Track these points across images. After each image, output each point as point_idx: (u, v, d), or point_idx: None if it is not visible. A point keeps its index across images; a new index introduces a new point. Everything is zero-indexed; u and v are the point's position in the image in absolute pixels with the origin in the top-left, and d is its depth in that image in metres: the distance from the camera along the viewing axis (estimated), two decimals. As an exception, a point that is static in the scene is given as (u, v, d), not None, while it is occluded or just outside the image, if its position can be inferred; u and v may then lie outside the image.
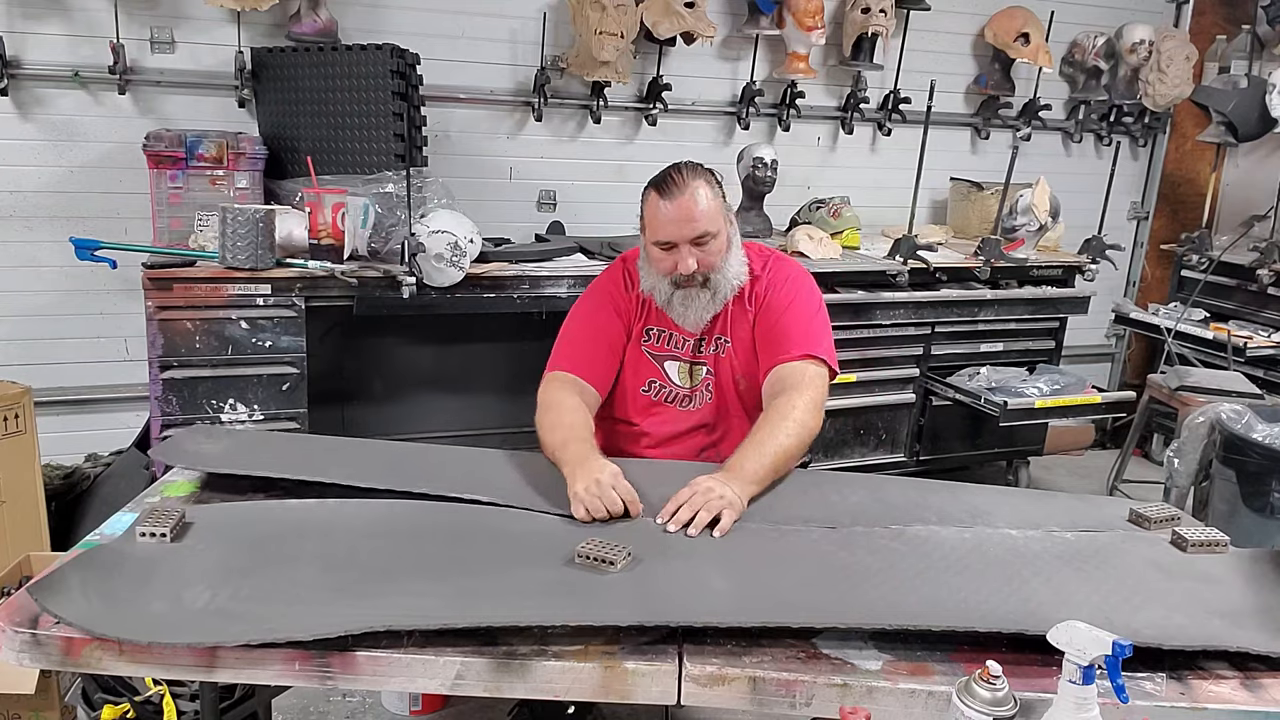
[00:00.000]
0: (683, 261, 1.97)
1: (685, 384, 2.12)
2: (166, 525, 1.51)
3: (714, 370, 2.11)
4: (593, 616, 1.35)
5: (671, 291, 2.03)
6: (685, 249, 1.97)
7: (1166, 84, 4.34)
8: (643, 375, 2.13)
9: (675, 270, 1.99)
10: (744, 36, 3.80)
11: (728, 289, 2.04)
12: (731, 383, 2.11)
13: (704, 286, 2.02)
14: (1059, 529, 1.78)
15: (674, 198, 1.96)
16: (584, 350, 2.07)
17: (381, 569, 1.47)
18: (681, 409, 2.13)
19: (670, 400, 2.13)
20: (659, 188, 1.99)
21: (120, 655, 1.27)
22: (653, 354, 2.12)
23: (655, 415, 2.14)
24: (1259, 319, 4.05)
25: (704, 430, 2.13)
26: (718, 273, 2.01)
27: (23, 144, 3.05)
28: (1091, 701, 1.15)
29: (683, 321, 2.07)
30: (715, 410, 2.13)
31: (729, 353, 2.10)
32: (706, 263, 1.99)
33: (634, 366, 2.13)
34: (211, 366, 2.75)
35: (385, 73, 2.90)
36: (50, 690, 2.04)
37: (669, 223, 1.97)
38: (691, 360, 2.11)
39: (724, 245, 2.01)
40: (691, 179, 1.97)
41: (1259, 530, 2.84)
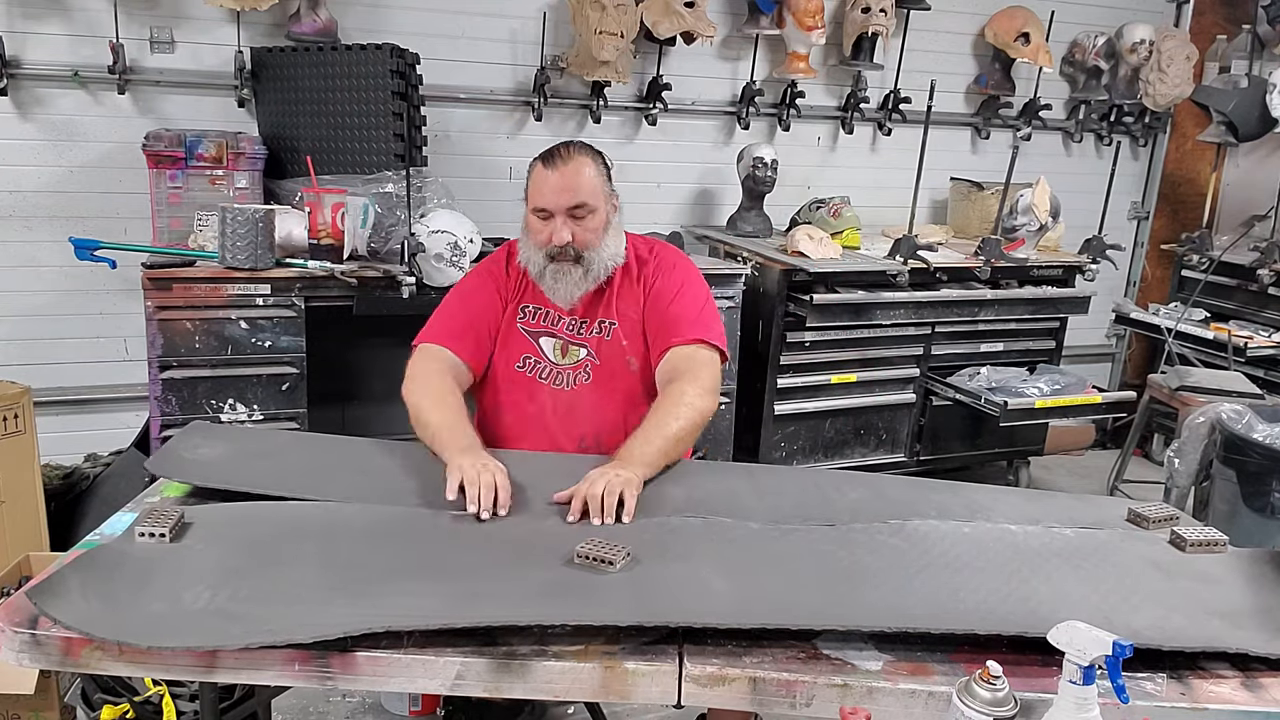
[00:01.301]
0: (557, 232, 1.97)
1: (559, 360, 2.09)
2: (165, 525, 1.51)
3: (596, 353, 2.08)
4: (592, 616, 1.35)
5: (545, 264, 2.02)
6: (561, 219, 1.98)
7: (1167, 84, 4.34)
8: (516, 351, 2.10)
9: (550, 241, 1.99)
10: (744, 36, 3.80)
11: (600, 269, 2.03)
12: (621, 365, 2.08)
13: (576, 262, 2.01)
14: (1058, 526, 1.78)
15: (557, 167, 1.98)
16: (459, 324, 2.07)
17: (381, 569, 1.47)
18: (556, 387, 2.09)
19: (545, 377, 2.09)
20: (544, 157, 2.01)
21: (120, 656, 1.27)
22: (528, 330, 2.10)
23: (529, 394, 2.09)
24: (1259, 319, 4.05)
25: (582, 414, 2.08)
26: (591, 250, 2.01)
27: (23, 144, 3.05)
28: (1092, 702, 1.15)
29: (553, 296, 2.05)
30: (595, 394, 2.08)
31: (615, 335, 2.08)
32: (581, 238, 1.99)
33: (508, 343, 2.10)
34: (211, 366, 2.74)
35: (385, 73, 2.90)
36: (50, 690, 2.04)
37: (549, 190, 1.98)
38: (569, 339, 2.09)
39: (601, 224, 2.01)
40: (579, 154, 2.01)
41: (1259, 530, 2.84)
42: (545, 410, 2.08)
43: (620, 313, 2.09)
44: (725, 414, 3.39)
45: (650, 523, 1.68)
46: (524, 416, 2.10)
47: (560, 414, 2.08)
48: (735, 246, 3.63)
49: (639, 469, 1.77)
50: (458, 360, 2.04)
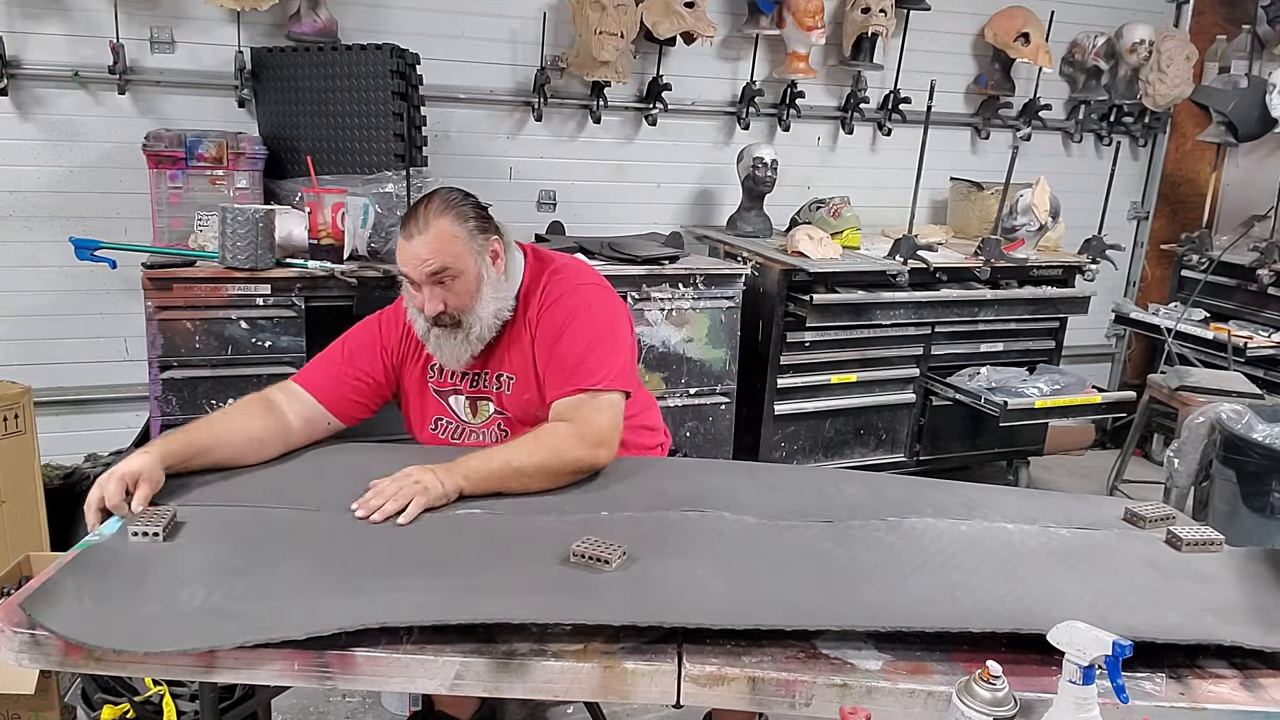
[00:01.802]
0: (428, 304, 1.87)
1: (471, 420, 2.02)
2: (158, 524, 1.51)
3: (502, 407, 2.00)
4: (588, 615, 1.35)
5: (427, 329, 1.92)
6: (427, 289, 1.87)
7: (1166, 84, 4.34)
8: (430, 413, 2.03)
9: (423, 310, 1.89)
10: (744, 36, 3.80)
11: (484, 328, 1.92)
12: (530, 416, 1.96)
13: (456, 327, 1.91)
14: (1055, 525, 1.78)
15: (410, 234, 1.87)
16: (328, 370, 1.97)
17: (376, 567, 1.47)
18: (456, 443, 2.02)
19: (458, 436, 2.03)
20: (403, 222, 1.91)
21: (119, 656, 1.27)
22: (438, 390, 2.02)
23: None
24: (1259, 319, 4.05)
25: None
26: (469, 313, 1.90)
27: (23, 144, 3.05)
28: (1091, 701, 1.15)
29: (442, 360, 1.96)
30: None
31: (515, 389, 1.98)
32: (454, 303, 1.88)
33: (421, 405, 2.03)
34: (211, 366, 2.74)
35: (385, 73, 2.90)
36: (50, 690, 2.04)
37: (406, 259, 1.88)
38: (474, 394, 2.01)
39: (472, 284, 1.88)
40: (436, 216, 1.86)
41: (1259, 530, 2.84)
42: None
43: (513, 363, 1.98)
44: (725, 414, 3.39)
45: (648, 518, 1.68)
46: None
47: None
48: (735, 246, 3.63)
49: (458, 481, 1.69)
50: (315, 402, 1.92)
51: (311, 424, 1.92)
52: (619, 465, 1.86)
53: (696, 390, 3.33)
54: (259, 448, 1.82)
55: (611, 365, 1.90)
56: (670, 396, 3.29)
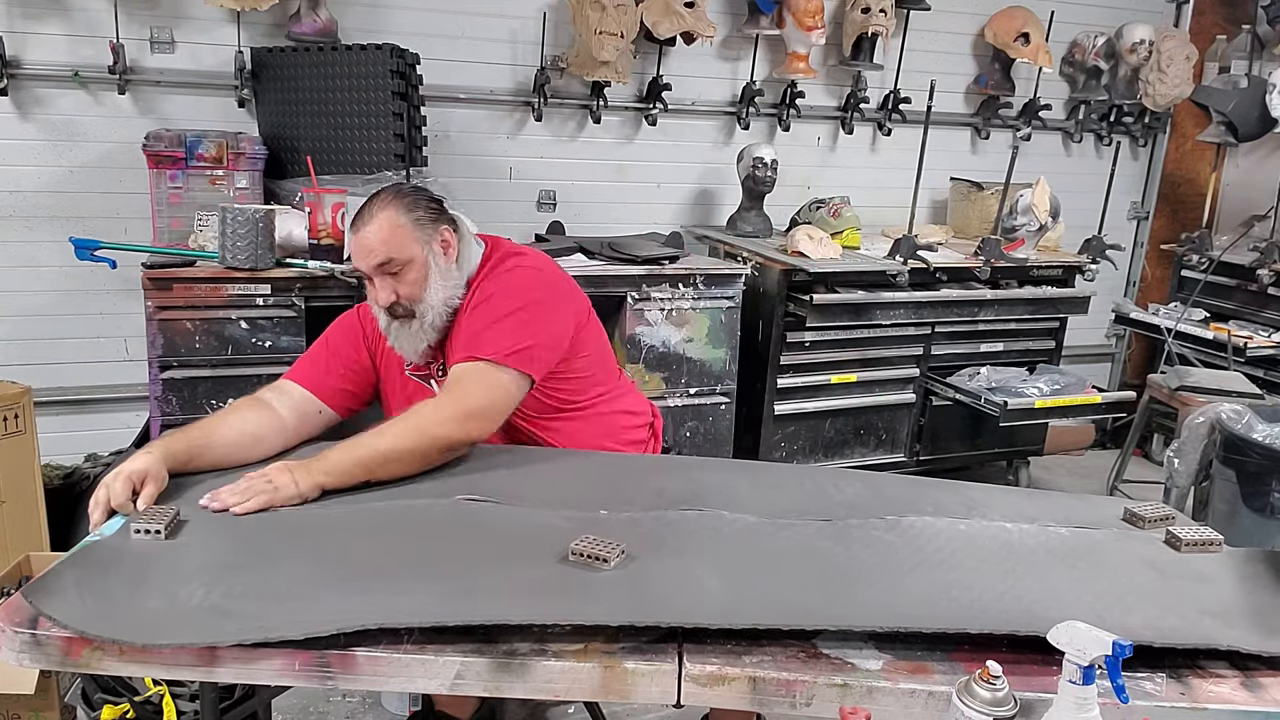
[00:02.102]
0: (379, 294, 1.91)
1: None
2: (161, 522, 1.51)
3: None
4: (586, 615, 1.35)
5: (387, 322, 1.95)
6: (378, 281, 1.90)
7: (1166, 84, 4.34)
8: (413, 397, 2.00)
9: (378, 302, 1.93)
10: (744, 36, 3.80)
11: (437, 317, 1.94)
12: None
13: (410, 317, 1.94)
14: (1054, 524, 1.78)
15: (358, 228, 1.91)
16: (316, 364, 2.00)
17: (375, 566, 1.47)
18: None
19: None
20: (355, 218, 1.95)
21: (120, 656, 1.27)
22: (417, 376, 2.04)
23: None
24: (1259, 319, 4.05)
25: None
26: (421, 303, 1.92)
27: (23, 144, 3.06)
28: (1091, 701, 1.15)
29: (401, 352, 1.99)
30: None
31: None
32: (406, 293, 1.91)
33: (403, 393, 2.03)
34: (211, 366, 2.75)
35: (385, 73, 2.90)
36: (50, 690, 2.04)
37: (355, 253, 1.92)
38: (441, 381, 2.01)
39: (421, 274, 1.91)
40: (382, 209, 1.90)
41: (1259, 530, 2.84)
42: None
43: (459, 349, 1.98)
44: (725, 414, 3.39)
45: (647, 517, 1.68)
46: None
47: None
48: (735, 246, 3.63)
49: (315, 479, 1.67)
50: (309, 395, 1.94)
51: (304, 416, 1.93)
52: (617, 463, 1.86)
53: (696, 390, 3.33)
54: (255, 443, 1.82)
55: (516, 341, 1.86)
56: (670, 396, 3.29)
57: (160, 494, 1.63)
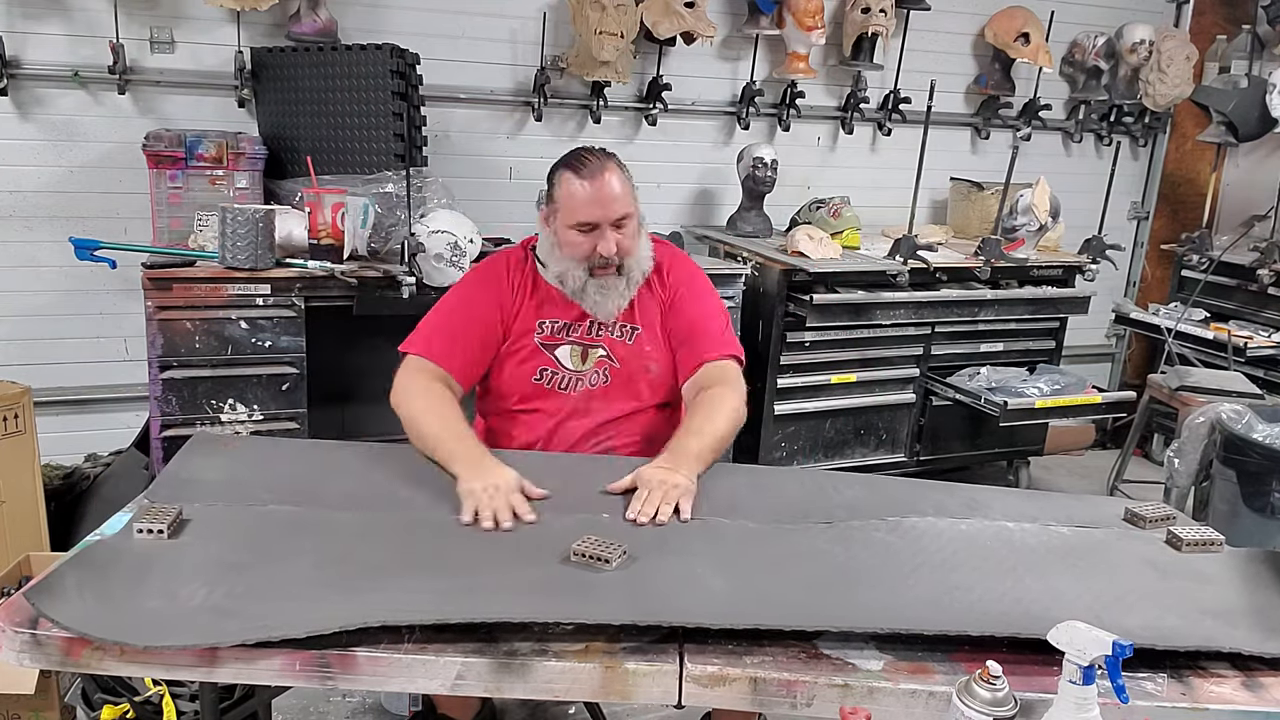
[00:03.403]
0: (605, 243, 1.94)
1: (576, 367, 2.06)
2: (164, 522, 1.51)
3: (613, 355, 2.06)
4: (587, 615, 1.35)
5: (585, 279, 1.99)
6: (606, 230, 1.95)
7: (1167, 84, 4.34)
8: (533, 366, 2.06)
9: (594, 254, 1.95)
10: (744, 36, 3.80)
11: (639, 275, 2.03)
12: (641, 369, 2.07)
13: (620, 273, 2.00)
14: (1055, 523, 1.78)
15: (593, 178, 1.94)
16: (450, 339, 2.01)
17: (377, 566, 1.47)
18: (572, 392, 2.06)
19: (564, 386, 2.06)
20: (576, 169, 1.96)
21: (120, 656, 1.27)
22: (545, 344, 2.06)
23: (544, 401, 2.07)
24: (1259, 319, 4.05)
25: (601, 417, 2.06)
26: (631, 257, 2.00)
27: (23, 144, 3.05)
28: (1092, 702, 1.15)
29: (597, 310, 2.02)
30: (612, 396, 2.07)
31: (639, 340, 2.07)
32: (624, 246, 1.98)
33: (524, 356, 2.06)
34: (211, 366, 2.74)
35: (385, 73, 2.90)
36: (50, 690, 2.04)
37: (591, 203, 1.94)
38: (586, 343, 2.06)
39: (637, 230, 2.01)
40: (605, 160, 1.98)
41: (1259, 530, 2.84)
42: (560, 414, 2.07)
43: (643, 319, 2.08)
44: (725, 414, 3.38)
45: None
46: (538, 423, 2.08)
47: (576, 417, 2.06)
48: (735, 246, 3.63)
49: (693, 466, 1.78)
50: (449, 376, 1.99)
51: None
52: (618, 468, 1.86)
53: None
54: None
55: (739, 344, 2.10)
56: (670, 396, 3.28)
57: (170, 495, 1.66)
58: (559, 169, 2.01)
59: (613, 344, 2.07)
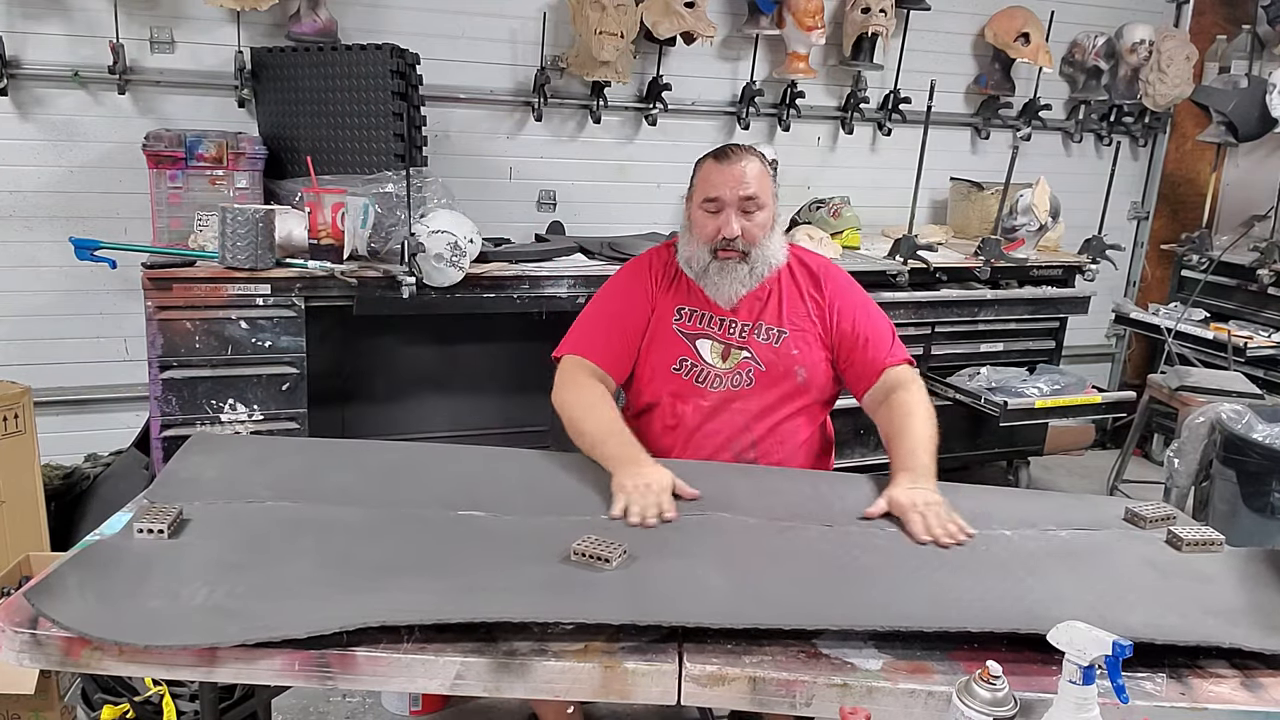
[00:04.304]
0: (727, 224, 1.99)
1: (720, 364, 2.07)
2: (164, 522, 1.51)
3: (758, 358, 2.07)
4: (587, 614, 1.35)
5: (709, 261, 2.03)
6: (732, 212, 2.00)
7: (1166, 84, 4.34)
8: (673, 354, 2.08)
9: (718, 234, 1.99)
10: (744, 36, 3.80)
11: (764, 267, 2.05)
12: (788, 374, 2.07)
13: (743, 260, 2.02)
14: (1055, 527, 1.78)
15: (729, 160, 2.02)
16: (601, 335, 2.07)
17: (378, 566, 1.47)
18: (713, 390, 2.06)
19: (702, 380, 2.07)
20: (715, 154, 2.06)
21: (120, 656, 1.27)
22: (684, 332, 2.08)
23: (684, 397, 2.07)
24: (1259, 319, 4.05)
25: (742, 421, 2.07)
26: (757, 247, 2.02)
27: (23, 144, 3.05)
28: (1091, 702, 1.15)
29: (715, 293, 2.05)
30: (756, 400, 2.06)
31: (785, 344, 2.07)
32: (750, 233, 2.01)
33: (662, 345, 2.08)
34: (211, 366, 2.74)
35: (385, 73, 2.90)
36: (50, 690, 2.04)
37: (720, 182, 2.01)
38: (730, 342, 2.07)
39: (768, 221, 2.04)
40: (749, 151, 2.05)
41: (1259, 530, 2.84)
42: (701, 413, 2.07)
43: (791, 322, 2.08)
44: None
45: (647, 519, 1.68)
46: (678, 419, 2.08)
47: (717, 418, 2.07)
48: (735, 246, 3.62)
49: (933, 480, 1.87)
50: (602, 371, 2.03)
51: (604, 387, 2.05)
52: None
53: (697, 390, 3.32)
54: None
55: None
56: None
57: (171, 494, 1.66)
58: (704, 156, 2.10)
59: (758, 347, 2.07)
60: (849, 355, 2.09)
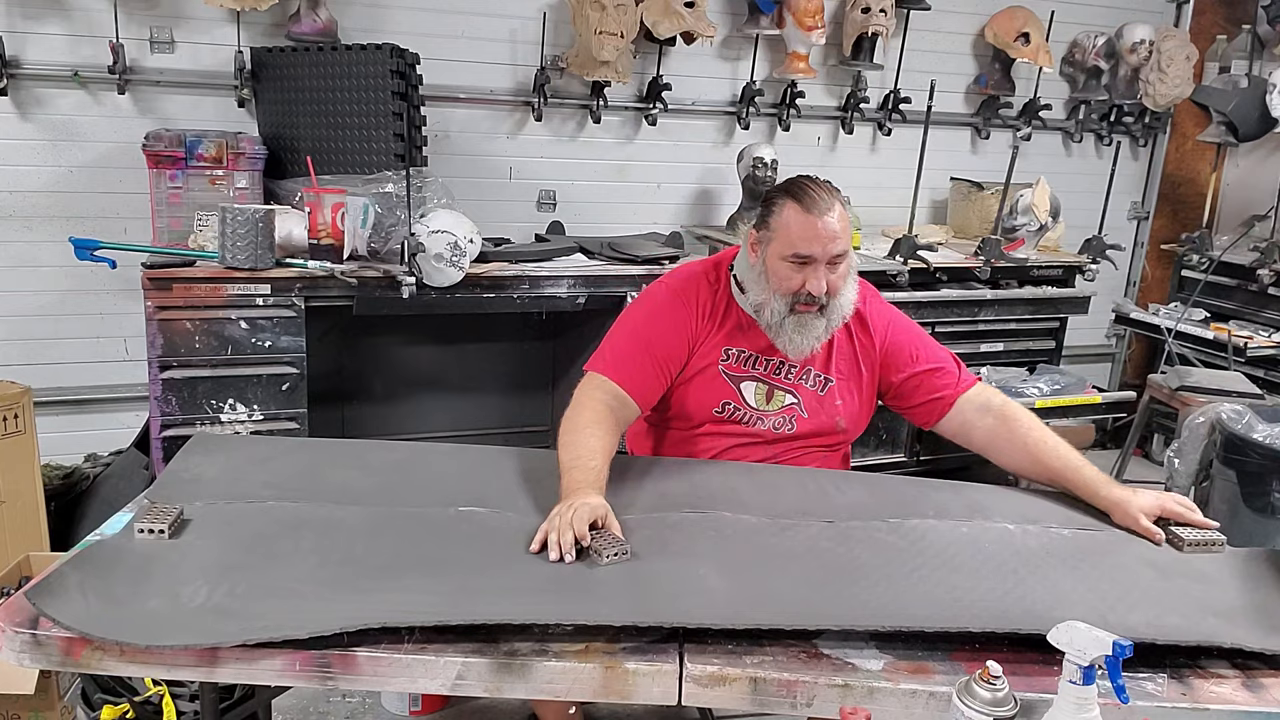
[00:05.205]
0: (816, 282, 1.87)
1: (760, 405, 2.01)
2: (165, 522, 1.51)
3: (804, 405, 2.01)
4: (588, 615, 1.35)
5: (785, 314, 1.91)
6: (822, 268, 1.87)
7: (1167, 84, 4.34)
8: (716, 397, 2.00)
9: (802, 288, 1.88)
10: (744, 36, 3.80)
11: (839, 318, 1.95)
12: (830, 423, 2.02)
13: (820, 313, 1.92)
14: (1057, 525, 1.78)
15: (819, 212, 1.85)
16: (633, 360, 1.93)
17: (378, 566, 1.47)
18: (754, 428, 2.01)
19: (745, 421, 2.01)
20: (798, 198, 1.87)
21: (120, 656, 1.27)
22: (730, 374, 2.00)
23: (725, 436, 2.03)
24: (1259, 319, 4.05)
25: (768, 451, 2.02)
26: (837, 298, 1.92)
27: (23, 144, 3.05)
28: (1092, 702, 1.15)
29: (789, 348, 1.95)
30: (795, 446, 2.03)
31: (831, 392, 2.02)
32: (834, 286, 1.90)
33: (707, 388, 2.00)
34: (211, 366, 2.74)
35: (385, 73, 2.90)
36: (50, 690, 2.04)
37: (812, 238, 1.85)
38: (775, 383, 2.01)
39: (848, 272, 1.94)
40: (832, 196, 1.88)
41: (1259, 530, 2.83)
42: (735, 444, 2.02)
43: (839, 370, 2.02)
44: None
45: (650, 518, 1.68)
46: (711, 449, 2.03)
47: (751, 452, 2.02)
48: (735, 246, 3.62)
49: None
50: (626, 396, 1.90)
51: (625, 422, 1.92)
52: (618, 466, 1.87)
53: (697, 390, 3.32)
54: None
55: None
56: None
57: (171, 495, 1.65)
58: (781, 196, 1.91)
59: (805, 394, 2.02)
60: (914, 391, 2.04)
